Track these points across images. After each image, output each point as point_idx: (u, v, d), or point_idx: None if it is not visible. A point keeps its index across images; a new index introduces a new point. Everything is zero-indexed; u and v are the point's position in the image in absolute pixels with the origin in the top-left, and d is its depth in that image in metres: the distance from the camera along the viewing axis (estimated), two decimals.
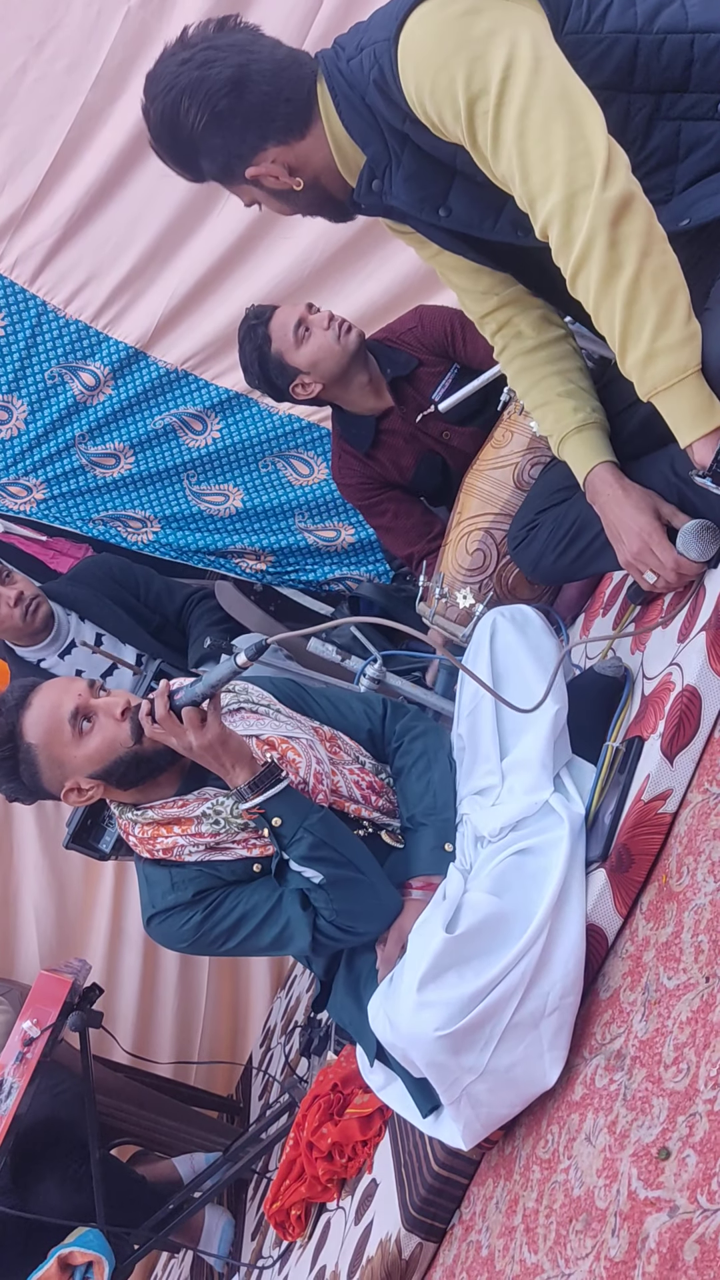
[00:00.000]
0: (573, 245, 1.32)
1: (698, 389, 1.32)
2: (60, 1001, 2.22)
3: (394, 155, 1.48)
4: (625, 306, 1.31)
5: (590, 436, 1.62)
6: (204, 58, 1.50)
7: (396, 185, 1.49)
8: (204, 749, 1.58)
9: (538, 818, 1.54)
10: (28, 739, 1.67)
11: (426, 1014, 1.32)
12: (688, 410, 1.34)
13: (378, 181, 1.51)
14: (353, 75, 1.47)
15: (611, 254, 1.30)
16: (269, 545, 3.32)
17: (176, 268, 3.03)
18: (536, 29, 1.36)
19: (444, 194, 1.49)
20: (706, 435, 1.33)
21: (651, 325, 1.31)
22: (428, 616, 2.21)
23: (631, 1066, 1.21)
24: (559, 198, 1.31)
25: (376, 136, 1.49)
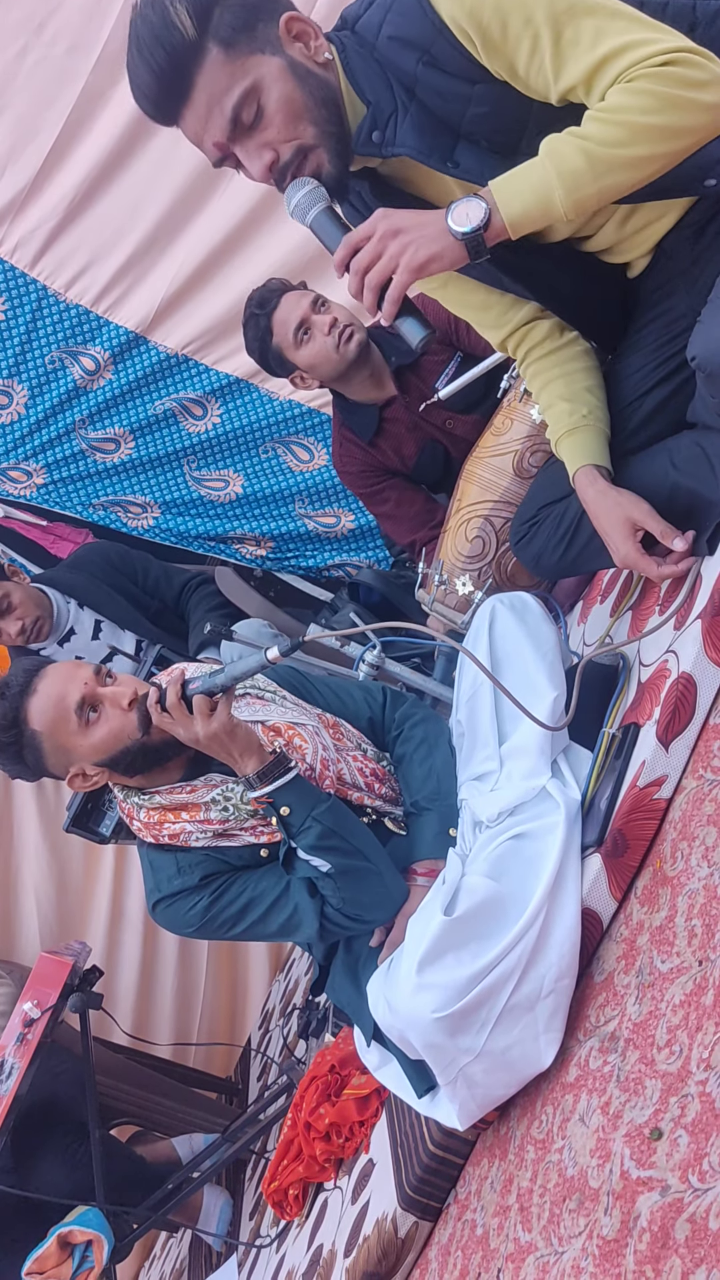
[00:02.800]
0: (632, 51, 1.32)
1: (543, 180, 1.34)
2: (60, 983, 2.24)
3: (401, 106, 1.45)
4: (617, 115, 1.32)
5: (579, 439, 1.63)
6: None
7: (404, 133, 1.45)
8: (211, 739, 1.57)
9: (535, 803, 1.55)
10: (33, 725, 1.66)
11: (424, 996, 1.34)
12: (524, 187, 1.35)
13: (378, 133, 1.46)
14: (363, 29, 1.46)
15: (661, 74, 1.30)
16: (269, 531, 3.32)
17: (177, 252, 3.03)
18: None
19: (451, 149, 1.47)
20: (494, 213, 1.34)
21: (609, 140, 1.32)
22: (427, 603, 2.22)
23: (625, 1049, 1.22)
24: (642, 38, 1.33)
25: (384, 87, 1.45)
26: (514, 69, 1.39)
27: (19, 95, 2.91)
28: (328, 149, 1.45)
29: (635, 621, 1.71)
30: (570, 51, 1.35)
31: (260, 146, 1.44)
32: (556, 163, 1.33)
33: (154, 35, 1.40)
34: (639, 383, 1.65)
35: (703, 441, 1.53)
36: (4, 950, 3.23)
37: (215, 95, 1.41)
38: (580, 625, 2.03)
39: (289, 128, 1.42)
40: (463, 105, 1.43)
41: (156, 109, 1.46)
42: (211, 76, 1.40)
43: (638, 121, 1.31)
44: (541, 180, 1.34)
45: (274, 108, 1.41)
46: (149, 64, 1.42)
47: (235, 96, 1.40)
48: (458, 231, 1.34)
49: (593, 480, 1.59)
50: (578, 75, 1.35)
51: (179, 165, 2.92)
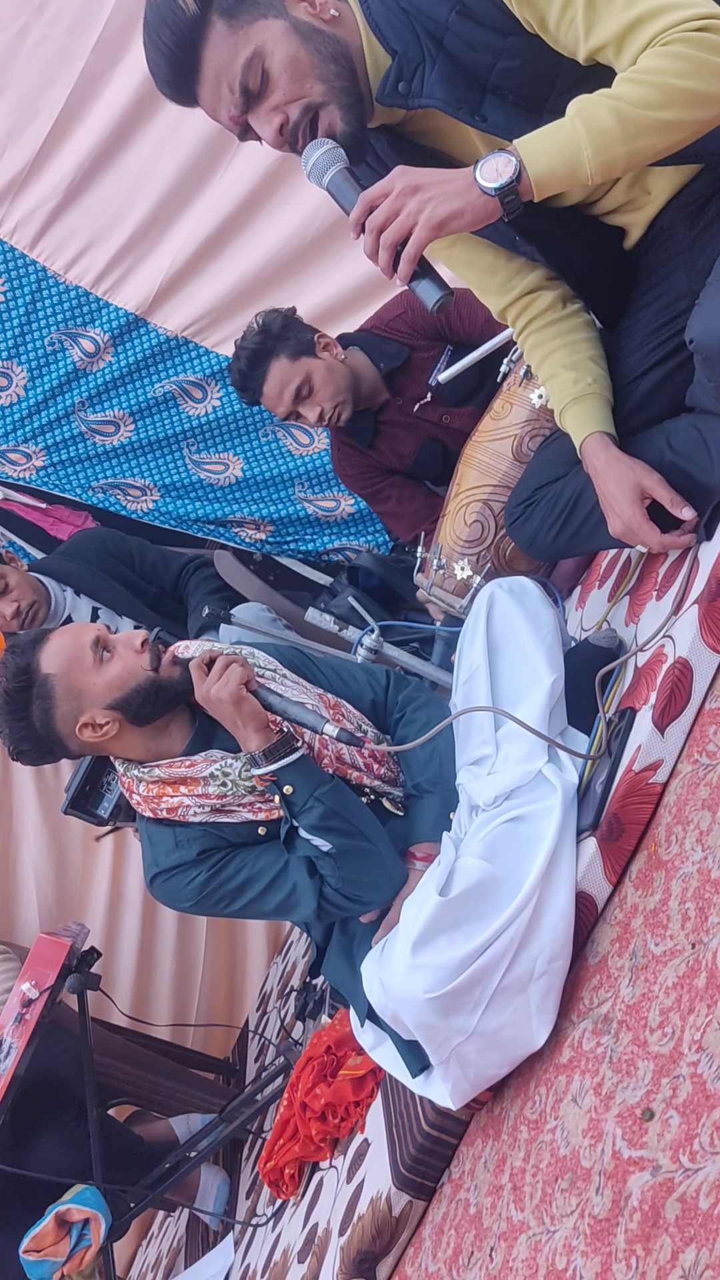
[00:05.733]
0: (667, 14, 1.31)
1: (571, 139, 1.32)
2: (59, 964, 2.25)
3: (429, 56, 1.43)
4: (652, 76, 1.30)
5: (587, 407, 1.63)
6: None
7: (431, 84, 1.43)
8: (218, 701, 1.62)
9: (531, 787, 1.55)
10: (45, 670, 1.68)
11: (418, 976, 1.35)
12: (552, 145, 1.34)
13: (404, 84, 1.45)
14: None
15: (696, 39, 1.29)
16: (268, 515, 3.32)
17: (177, 234, 3.02)
18: None
19: (478, 103, 1.45)
20: (521, 167, 1.32)
21: (641, 102, 1.30)
22: (425, 588, 2.22)
23: (618, 1030, 1.23)
24: (675, 1, 1.31)
25: (411, 37, 1.43)
26: (545, 21, 1.37)
27: (19, 75, 2.89)
28: (339, 104, 1.44)
29: (633, 606, 1.71)
30: (605, 9, 1.33)
31: (269, 111, 1.44)
32: (586, 121, 1.31)
33: (160, 17, 1.42)
34: (637, 363, 1.65)
35: (700, 425, 1.53)
36: (4, 932, 3.24)
37: (222, 67, 1.42)
38: (578, 610, 2.03)
39: (295, 87, 1.42)
40: (492, 57, 1.42)
41: (173, 90, 1.48)
42: (217, 49, 1.42)
43: (672, 84, 1.29)
44: (570, 139, 1.31)
45: (278, 70, 1.41)
46: (158, 46, 1.43)
47: (240, 65, 1.41)
48: (489, 188, 1.32)
49: (605, 446, 1.59)
50: (610, 34, 1.34)
51: (180, 146, 2.91)
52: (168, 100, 1.53)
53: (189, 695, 1.70)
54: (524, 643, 1.68)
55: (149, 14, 1.43)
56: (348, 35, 1.46)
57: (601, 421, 1.61)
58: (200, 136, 2.85)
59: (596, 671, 1.60)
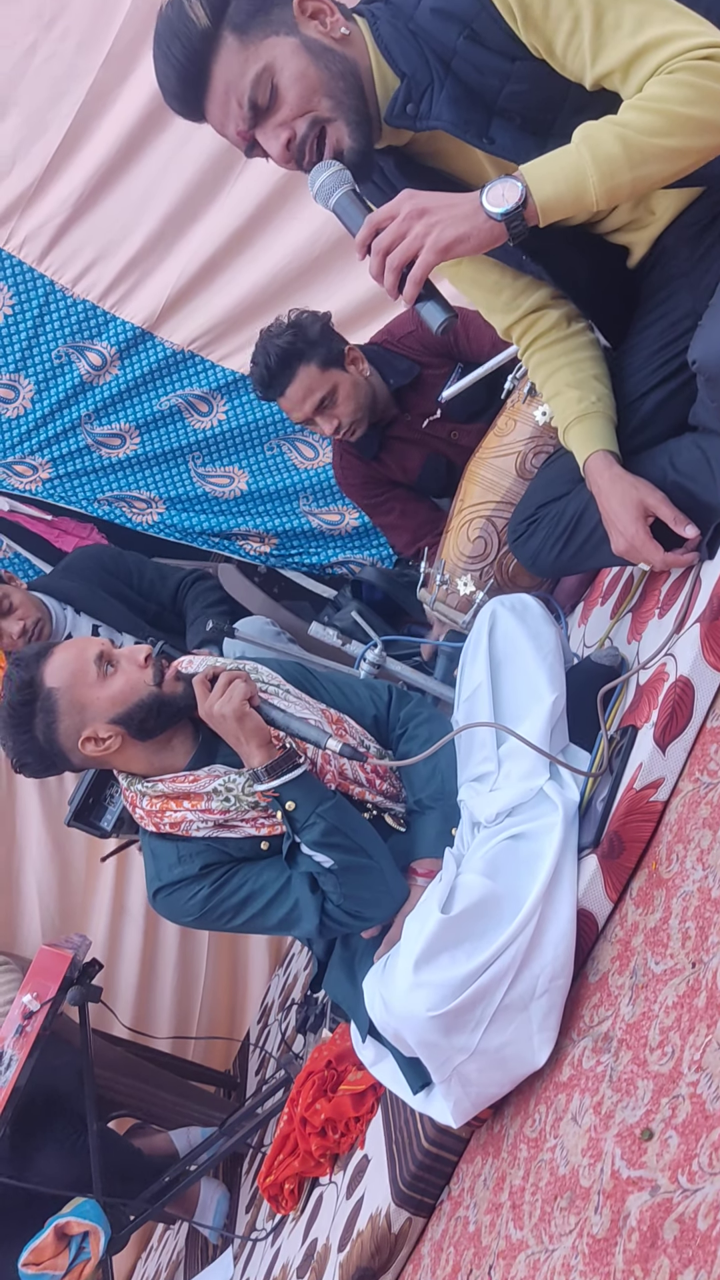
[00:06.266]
0: (674, 43, 1.32)
1: (577, 166, 1.33)
2: (60, 976, 2.25)
3: (437, 79, 1.44)
4: (657, 104, 1.31)
5: (590, 425, 1.64)
6: None
7: (440, 106, 1.45)
8: (221, 717, 1.63)
9: (533, 804, 1.55)
10: (49, 684, 1.69)
11: (420, 994, 1.35)
12: (557, 171, 1.34)
13: (413, 105, 1.46)
14: (399, 1, 1.45)
15: (702, 68, 1.30)
16: (273, 528, 3.33)
17: (184, 248, 3.03)
18: None
19: (486, 125, 1.47)
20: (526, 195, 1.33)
21: (647, 129, 1.32)
22: (429, 603, 2.23)
23: (618, 1049, 1.23)
24: (685, 29, 1.33)
25: (420, 60, 1.44)
26: (551, 47, 1.39)
27: (28, 91, 2.92)
28: (347, 121, 1.45)
29: (635, 624, 1.72)
30: (611, 36, 1.35)
31: (277, 127, 1.45)
32: (592, 148, 1.32)
33: (171, 31, 1.43)
34: (640, 382, 1.66)
35: (703, 444, 1.54)
36: (6, 943, 3.24)
37: (231, 81, 1.44)
38: (581, 626, 2.04)
39: (302, 102, 1.43)
40: (500, 81, 1.43)
41: (181, 103, 1.49)
42: (227, 64, 1.43)
43: (678, 112, 1.30)
44: (576, 166, 1.33)
45: (287, 85, 1.42)
46: (169, 59, 1.45)
47: (249, 79, 1.42)
48: (495, 212, 1.32)
49: (608, 464, 1.60)
50: (616, 61, 1.35)
51: (187, 162, 2.93)
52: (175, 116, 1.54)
53: (192, 710, 1.70)
54: (526, 660, 1.68)
55: (160, 27, 1.45)
56: (357, 55, 1.47)
57: (605, 440, 1.62)
58: (207, 153, 2.87)
59: (598, 689, 1.61)
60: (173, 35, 1.43)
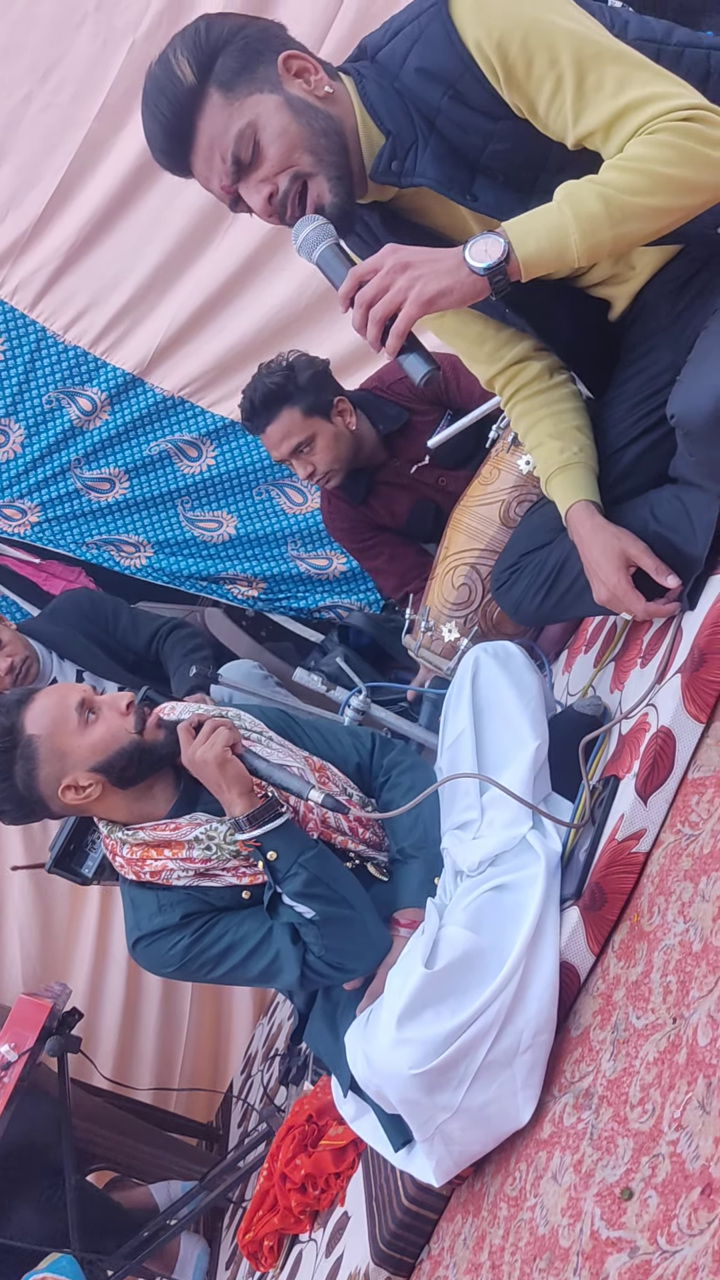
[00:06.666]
0: (654, 104, 1.34)
1: (559, 223, 1.35)
2: (39, 1026, 2.23)
3: (421, 136, 1.46)
4: (639, 164, 1.33)
5: (572, 475, 1.65)
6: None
7: (424, 163, 1.47)
8: (203, 764, 1.62)
9: (515, 853, 1.55)
10: (29, 731, 1.68)
11: (402, 1051, 1.33)
12: (540, 228, 1.36)
13: (397, 162, 1.48)
14: (385, 59, 1.48)
15: (682, 129, 1.32)
16: (261, 572, 3.34)
17: (175, 296, 3.08)
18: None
19: (469, 182, 1.49)
20: (507, 249, 1.34)
21: (628, 188, 1.33)
22: (413, 649, 2.23)
23: (599, 1106, 1.22)
24: (665, 91, 1.35)
25: (405, 118, 1.46)
26: (534, 107, 1.41)
27: (23, 141, 2.96)
28: (327, 176, 1.47)
29: (618, 673, 1.72)
30: (593, 96, 1.37)
31: (259, 182, 1.47)
32: (574, 206, 1.34)
33: (158, 88, 1.45)
34: (621, 434, 1.68)
35: (683, 496, 1.55)
36: None
37: (216, 137, 1.45)
38: (565, 674, 2.04)
39: (284, 158, 1.45)
40: (483, 140, 1.45)
41: (168, 158, 1.51)
42: (212, 120, 1.44)
43: (659, 172, 1.32)
44: (558, 223, 1.34)
45: (268, 141, 1.44)
46: (155, 115, 1.47)
47: (233, 135, 1.44)
48: (478, 267, 1.34)
49: (590, 514, 1.61)
50: (598, 121, 1.37)
51: (179, 212, 2.98)
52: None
53: (174, 758, 1.69)
54: (509, 708, 1.68)
55: (148, 84, 1.47)
56: (342, 113, 1.49)
57: (586, 490, 1.63)
58: (199, 204, 2.92)
59: (581, 738, 1.61)
60: (159, 92, 1.45)
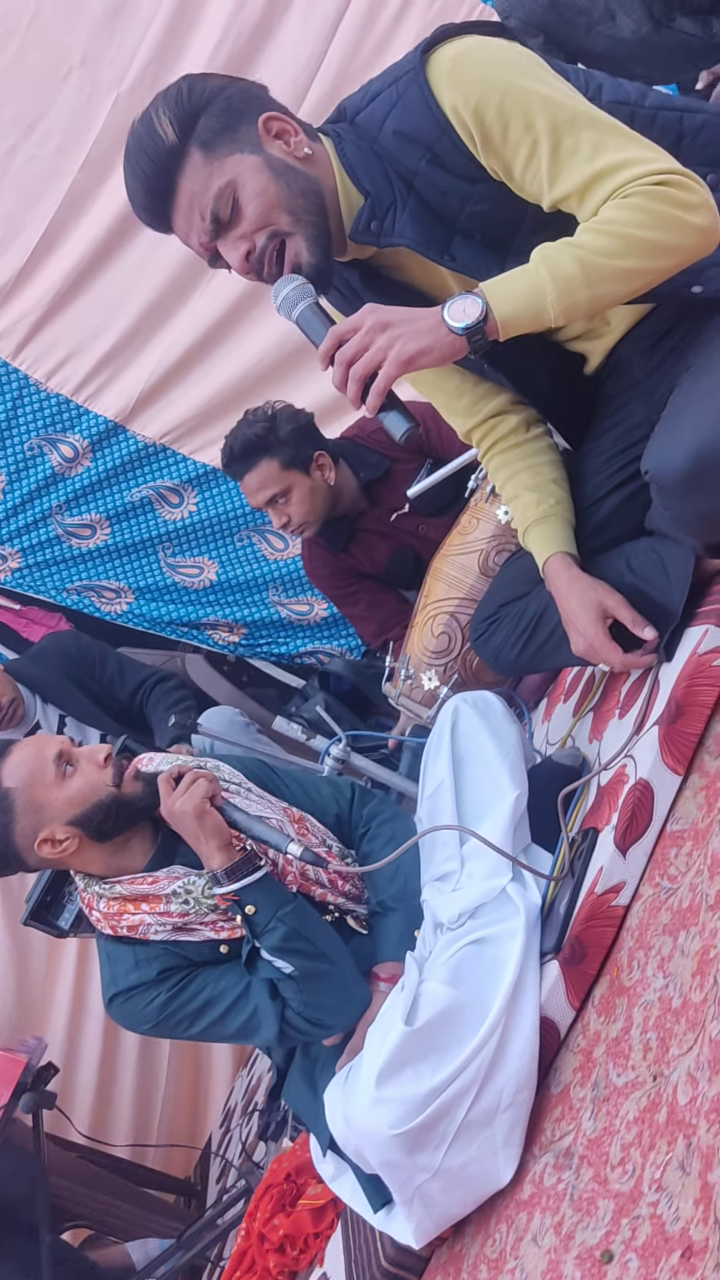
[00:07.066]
0: (628, 169, 1.36)
1: (536, 284, 1.37)
2: (13, 1082, 2.19)
3: (400, 197, 1.49)
4: (613, 227, 1.35)
5: (549, 528, 1.67)
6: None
7: (402, 224, 1.49)
8: (182, 815, 1.61)
9: (495, 906, 1.54)
10: (5, 784, 1.66)
11: (382, 1111, 1.31)
12: (517, 289, 1.37)
13: (376, 222, 1.51)
14: (364, 122, 1.50)
15: (655, 193, 1.34)
16: (242, 618, 3.35)
17: (157, 345, 3.10)
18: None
19: (447, 243, 1.51)
20: (487, 311, 1.36)
21: (603, 250, 1.35)
22: (393, 697, 2.23)
23: (579, 1165, 1.20)
24: (638, 156, 1.37)
25: (383, 180, 1.49)
26: (510, 170, 1.43)
27: (7, 192, 3.00)
28: (305, 236, 1.49)
29: (596, 723, 1.72)
30: (568, 161, 1.39)
31: (237, 239, 1.49)
32: (551, 268, 1.36)
33: (140, 145, 1.48)
34: (596, 487, 1.69)
35: (659, 548, 1.57)
36: None
37: (196, 195, 1.47)
38: (544, 723, 2.04)
39: (261, 217, 1.47)
40: (461, 202, 1.47)
41: (149, 214, 1.53)
42: (192, 178, 1.47)
43: (632, 234, 1.35)
44: (534, 284, 1.36)
45: (247, 200, 1.46)
46: (136, 172, 1.49)
47: (213, 194, 1.46)
48: (456, 327, 1.35)
49: (566, 566, 1.62)
50: (573, 185, 1.40)
51: (161, 263, 3.01)
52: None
53: (152, 811, 1.68)
54: (488, 758, 1.68)
55: (130, 142, 1.50)
56: (321, 174, 1.52)
57: (563, 542, 1.65)
58: (181, 255, 2.94)
59: (560, 789, 1.61)
60: (141, 150, 1.48)
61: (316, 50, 2.96)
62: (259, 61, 2.95)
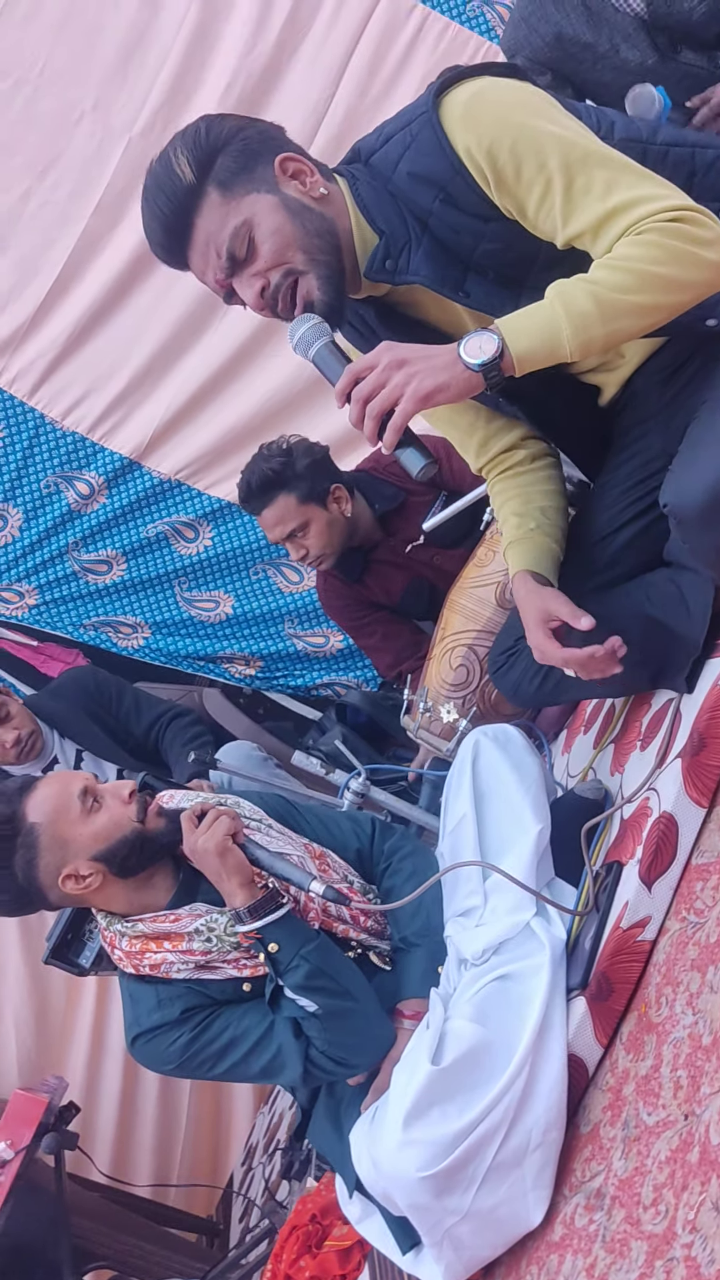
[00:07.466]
0: (641, 206, 1.37)
1: (551, 320, 1.37)
2: (35, 1122, 2.18)
3: (414, 236, 1.51)
4: (627, 263, 1.36)
5: (521, 548, 1.69)
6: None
7: (417, 262, 1.52)
8: (205, 853, 1.60)
9: (519, 941, 1.53)
10: (30, 819, 1.66)
11: (410, 1153, 1.30)
12: (532, 325, 1.38)
13: (391, 261, 1.53)
14: (378, 163, 1.52)
15: (669, 229, 1.36)
16: (258, 650, 3.35)
17: (171, 383, 3.14)
18: None
19: (461, 280, 1.53)
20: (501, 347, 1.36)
21: (617, 286, 1.36)
22: (412, 730, 2.23)
23: (611, 1206, 1.19)
24: (651, 193, 1.39)
25: (398, 219, 1.51)
26: (523, 209, 1.45)
27: (22, 236, 3.05)
28: (318, 275, 1.51)
29: (617, 755, 1.72)
30: (581, 199, 1.41)
31: (252, 276, 1.51)
32: (566, 304, 1.37)
33: (158, 184, 1.50)
34: (612, 519, 1.70)
35: (678, 579, 1.57)
36: None
37: (212, 234, 1.50)
38: (564, 755, 2.04)
39: (276, 255, 1.49)
40: (474, 240, 1.49)
41: (165, 252, 1.56)
42: (209, 217, 1.49)
43: (646, 270, 1.36)
44: (550, 320, 1.37)
45: (262, 239, 1.49)
46: (154, 211, 1.51)
47: (228, 232, 1.48)
48: (472, 363, 1.36)
49: (524, 581, 1.64)
50: (586, 223, 1.41)
51: (174, 302, 3.05)
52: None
53: (174, 847, 1.68)
54: (509, 792, 1.68)
55: (148, 181, 1.52)
56: (335, 213, 1.54)
57: (529, 561, 1.66)
58: (193, 294, 2.99)
59: (583, 823, 1.60)
60: (159, 189, 1.50)
61: (325, 92, 3.01)
62: (268, 104, 3.00)
